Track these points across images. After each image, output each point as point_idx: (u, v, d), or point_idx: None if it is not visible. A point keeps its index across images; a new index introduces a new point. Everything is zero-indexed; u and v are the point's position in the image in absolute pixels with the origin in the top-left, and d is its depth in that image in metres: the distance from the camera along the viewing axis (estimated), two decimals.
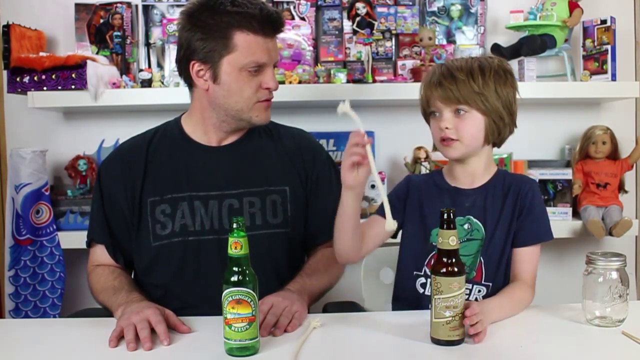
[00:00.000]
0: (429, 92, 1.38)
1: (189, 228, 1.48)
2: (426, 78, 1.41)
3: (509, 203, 1.40)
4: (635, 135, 2.34)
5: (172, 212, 1.48)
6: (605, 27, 2.17)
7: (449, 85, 1.34)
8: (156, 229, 1.49)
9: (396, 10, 2.29)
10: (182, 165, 1.52)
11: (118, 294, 1.40)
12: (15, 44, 2.10)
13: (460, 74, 1.34)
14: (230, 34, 1.41)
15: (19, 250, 2.12)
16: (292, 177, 1.56)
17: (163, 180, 1.51)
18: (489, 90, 1.34)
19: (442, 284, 1.14)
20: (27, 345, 1.22)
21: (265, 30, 1.44)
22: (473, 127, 1.36)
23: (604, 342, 1.19)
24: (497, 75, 1.36)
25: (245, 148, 1.55)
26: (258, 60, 1.44)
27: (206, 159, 1.52)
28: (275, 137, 1.60)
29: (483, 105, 1.34)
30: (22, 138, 2.28)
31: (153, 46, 2.26)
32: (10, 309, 2.12)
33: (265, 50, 1.44)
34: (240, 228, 1.11)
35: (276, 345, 1.17)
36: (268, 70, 1.46)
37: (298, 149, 1.60)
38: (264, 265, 1.46)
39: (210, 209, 1.49)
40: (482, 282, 1.39)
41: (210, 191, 1.49)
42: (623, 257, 1.25)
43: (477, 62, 1.37)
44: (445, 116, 1.35)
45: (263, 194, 1.51)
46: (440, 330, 1.15)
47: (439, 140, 1.38)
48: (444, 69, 1.38)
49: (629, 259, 1.28)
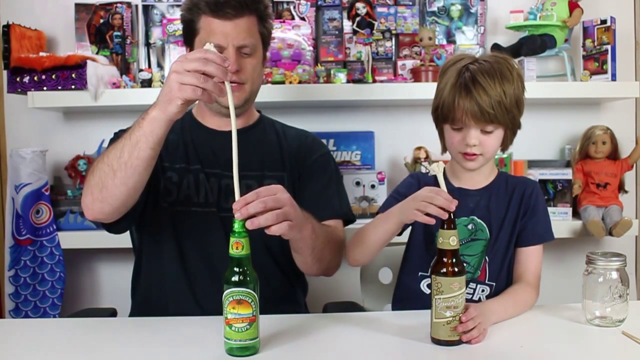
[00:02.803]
0: (455, 101, 1.33)
1: (192, 199, 1.52)
2: (448, 77, 1.36)
3: (514, 204, 1.42)
4: (635, 135, 2.34)
5: (179, 181, 1.53)
6: (605, 27, 2.17)
7: (480, 101, 1.30)
8: (162, 193, 1.52)
9: (396, 10, 2.29)
10: (190, 141, 1.58)
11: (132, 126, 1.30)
12: (15, 44, 2.10)
13: (492, 89, 1.30)
14: (198, 18, 1.51)
15: (19, 250, 2.12)
16: (291, 168, 1.59)
17: (174, 150, 1.55)
18: (513, 103, 1.34)
19: (443, 284, 1.14)
20: (27, 345, 1.22)
21: (220, 12, 1.47)
22: (496, 142, 1.38)
23: (604, 342, 1.19)
24: (518, 80, 1.35)
25: (249, 136, 1.59)
26: (214, 42, 1.39)
27: (211, 139, 1.58)
28: (280, 133, 1.65)
29: (510, 123, 1.36)
30: (22, 138, 2.28)
31: (153, 46, 2.26)
32: (10, 309, 2.12)
33: (221, 32, 1.48)
34: (241, 229, 1.11)
35: (276, 345, 1.17)
36: (227, 52, 1.47)
37: (298, 140, 1.65)
38: (257, 245, 1.45)
39: (211, 184, 1.53)
40: (486, 281, 1.40)
41: (213, 169, 1.54)
42: (623, 257, 1.25)
43: (499, 67, 1.34)
44: (473, 134, 1.34)
45: (260, 178, 1.54)
46: (441, 330, 1.15)
47: (461, 153, 1.37)
48: (470, 74, 1.33)
49: (629, 259, 1.28)
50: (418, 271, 1.45)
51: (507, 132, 1.38)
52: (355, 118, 2.34)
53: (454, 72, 1.35)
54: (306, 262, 1.43)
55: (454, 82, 1.34)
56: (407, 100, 2.12)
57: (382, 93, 2.12)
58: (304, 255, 1.40)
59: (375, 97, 2.10)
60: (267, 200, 1.13)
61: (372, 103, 2.22)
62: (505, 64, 1.36)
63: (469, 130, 1.34)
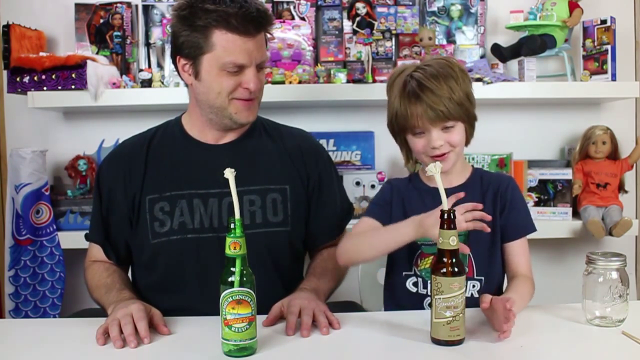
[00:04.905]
0: (407, 110, 1.37)
1: (187, 226, 1.47)
2: (396, 89, 1.41)
3: (488, 200, 1.44)
4: (635, 135, 2.34)
5: (171, 210, 1.48)
6: (605, 27, 2.17)
7: (432, 103, 1.34)
8: (154, 227, 1.48)
9: (396, 10, 2.29)
10: (181, 163, 1.51)
11: (110, 292, 1.41)
12: (15, 44, 2.10)
13: (440, 89, 1.35)
14: (209, 32, 1.39)
15: (19, 250, 2.12)
16: (293, 177, 1.55)
17: (162, 178, 1.50)
18: (464, 97, 1.38)
19: (443, 284, 1.14)
20: (27, 345, 1.22)
21: (244, 30, 1.39)
22: (460, 136, 1.41)
23: (604, 342, 1.19)
24: (463, 76, 1.40)
25: (245, 147, 1.55)
26: (236, 61, 1.40)
27: (206, 157, 1.52)
28: (276, 137, 1.60)
29: (465, 116, 1.39)
30: (22, 138, 2.28)
31: (153, 46, 2.26)
32: (10, 309, 2.12)
33: (244, 50, 1.40)
34: (238, 228, 1.11)
35: (274, 345, 1.17)
36: (248, 71, 1.42)
37: (299, 149, 1.59)
38: (265, 264, 1.46)
39: (210, 207, 1.48)
40: (475, 277, 1.43)
41: (210, 189, 1.48)
42: (623, 257, 1.25)
43: (441, 68, 1.38)
44: (435, 135, 1.38)
45: (263, 193, 1.51)
46: (441, 331, 1.15)
47: (430, 156, 1.40)
48: (416, 81, 1.37)
49: (629, 259, 1.28)
50: (402, 271, 1.47)
51: (467, 125, 1.41)
52: (355, 118, 2.34)
53: (399, 83, 1.41)
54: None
55: (401, 92, 1.39)
56: None
57: (382, 93, 2.08)
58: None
59: (375, 97, 2.10)
60: (322, 319, 1.27)
61: (372, 103, 2.22)
62: (447, 64, 1.40)
63: (430, 134, 1.38)
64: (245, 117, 1.48)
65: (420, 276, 1.45)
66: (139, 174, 1.50)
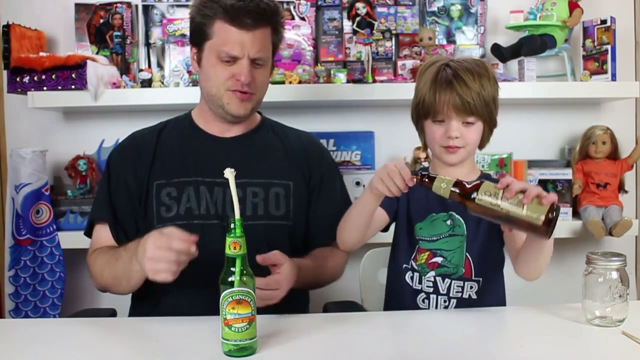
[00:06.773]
0: (436, 95, 1.37)
1: (194, 212, 1.49)
2: (427, 75, 1.41)
3: None
4: (635, 135, 2.34)
5: (178, 195, 1.50)
6: (605, 27, 2.17)
7: (462, 92, 1.35)
8: (161, 212, 1.50)
9: (396, 10, 2.29)
10: (190, 152, 1.55)
11: (121, 254, 1.39)
12: (15, 44, 2.10)
13: (472, 83, 1.36)
14: (212, 22, 1.46)
15: (19, 250, 2.12)
16: (297, 175, 1.58)
17: (170, 165, 1.53)
18: (490, 99, 1.39)
19: (484, 198, 1.15)
20: (27, 345, 1.22)
21: (240, 22, 1.44)
22: (477, 135, 1.41)
23: (604, 342, 1.19)
24: (494, 81, 1.41)
25: (252, 141, 1.59)
26: (229, 52, 1.45)
27: (214, 148, 1.56)
28: (283, 137, 1.64)
29: (488, 117, 1.40)
30: (22, 138, 2.28)
31: (153, 46, 2.26)
32: (10, 309, 2.12)
33: (238, 42, 1.45)
34: (238, 228, 1.11)
35: (274, 344, 1.17)
36: (240, 62, 1.46)
37: (304, 149, 1.62)
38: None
39: (216, 195, 1.50)
40: (473, 278, 1.43)
41: (215, 178, 1.50)
42: (623, 257, 1.25)
43: (477, 66, 1.39)
44: (454, 125, 1.38)
45: (267, 186, 1.53)
46: (534, 213, 1.14)
47: (443, 146, 1.40)
48: (452, 70, 1.38)
49: (629, 259, 1.28)
50: (402, 264, 1.48)
51: (485, 128, 1.42)
52: (355, 118, 2.34)
53: (433, 70, 1.41)
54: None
55: (434, 78, 1.39)
56: (407, 100, 2.08)
57: (382, 93, 2.12)
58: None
59: (375, 97, 2.11)
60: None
61: (372, 103, 2.22)
62: (482, 65, 1.42)
63: (450, 123, 1.38)
64: (236, 109, 1.51)
65: (417, 271, 1.45)
66: (147, 161, 1.54)
